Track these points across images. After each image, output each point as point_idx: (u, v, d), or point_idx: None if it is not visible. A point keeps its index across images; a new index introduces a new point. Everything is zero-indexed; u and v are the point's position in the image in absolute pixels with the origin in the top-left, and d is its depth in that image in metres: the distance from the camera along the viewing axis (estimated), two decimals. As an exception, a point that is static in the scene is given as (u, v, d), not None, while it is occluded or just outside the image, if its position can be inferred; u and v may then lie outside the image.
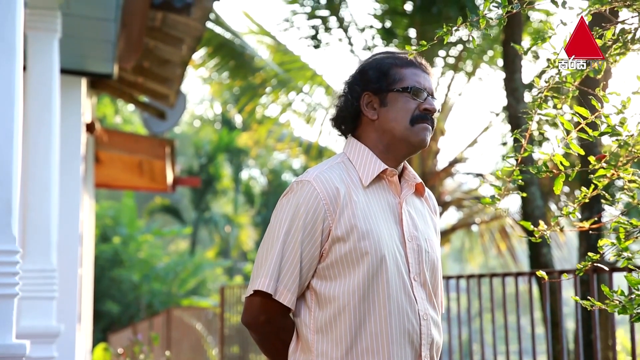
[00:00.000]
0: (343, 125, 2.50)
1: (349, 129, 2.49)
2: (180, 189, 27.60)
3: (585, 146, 2.87)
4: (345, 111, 2.46)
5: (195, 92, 58.55)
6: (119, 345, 13.84)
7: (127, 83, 9.02)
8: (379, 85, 2.40)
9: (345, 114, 2.46)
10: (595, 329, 4.27)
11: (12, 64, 3.20)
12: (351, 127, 2.48)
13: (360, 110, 2.42)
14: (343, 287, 2.25)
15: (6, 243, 3.13)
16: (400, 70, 2.43)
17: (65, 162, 6.98)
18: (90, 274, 10.51)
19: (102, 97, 21.82)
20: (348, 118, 2.46)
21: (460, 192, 12.35)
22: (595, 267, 3.75)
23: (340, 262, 2.26)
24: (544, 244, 7.78)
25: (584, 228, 2.13)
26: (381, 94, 2.40)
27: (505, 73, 8.45)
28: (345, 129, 2.50)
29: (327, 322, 2.25)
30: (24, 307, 5.35)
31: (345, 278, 2.25)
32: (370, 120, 2.41)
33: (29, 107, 5.54)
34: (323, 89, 12.49)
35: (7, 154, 3.15)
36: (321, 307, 2.27)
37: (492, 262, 19.28)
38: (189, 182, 16.69)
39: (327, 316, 2.26)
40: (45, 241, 5.47)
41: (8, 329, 3.07)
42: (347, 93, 2.45)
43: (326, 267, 2.28)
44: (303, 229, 2.26)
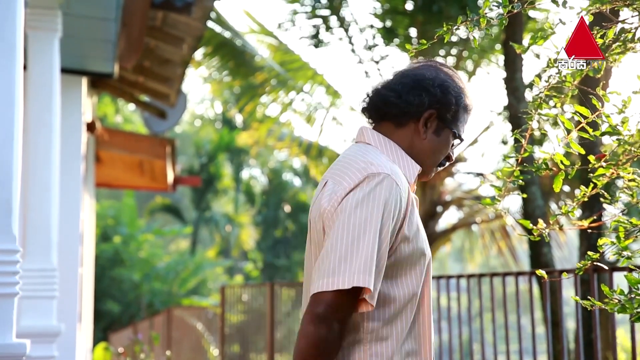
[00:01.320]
0: (375, 113, 2.35)
1: (377, 118, 2.35)
2: (180, 188, 27.62)
3: (585, 146, 2.88)
4: (395, 107, 2.28)
5: (196, 91, 58.61)
6: (119, 344, 13.84)
7: (127, 82, 9.02)
8: (448, 115, 2.28)
9: (394, 110, 2.29)
10: (595, 328, 4.27)
11: (12, 63, 3.20)
12: (380, 119, 2.34)
13: (416, 119, 2.28)
14: (403, 288, 2.17)
15: (6, 242, 3.13)
16: (467, 116, 2.33)
17: (65, 162, 6.98)
18: (90, 273, 10.51)
19: (103, 97, 21.82)
20: (391, 114, 2.30)
21: (460, 191, 12.34)
22: (596, 266, 3.74)
23: (404, 262, 2.17)
24: (545, 243, 7.77)
25: (584, 227, 2.13)
26: (442, 123, 2.28)
27: (506, 72, 8.45)
28: (374, 116, 2.36)
29: (385, 323, 2.14)
30: (25, 307, 5.35)
31: (405, 278, 2.17)
32: (416, 133, 2.28)
33: (30, 107, 5.54)
34: (324, 89, 12.48)
35: (7, 154, 3.15)
36: (378, 306, 2.14)
37: (492, 261, 19.30)
38: (190, 182, 16.69)
39: (385, 316, 2.15)
40: (46, 241, 5.47)
41: (8, 328, 3.07)
42: (411, 91, 2.27)
43: (388, 267, 2.15)
44: (389, 224, 2.11)
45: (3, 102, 3.16)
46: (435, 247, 11.84)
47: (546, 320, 4.86)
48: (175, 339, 14.16)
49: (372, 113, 2.36)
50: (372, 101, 2.35)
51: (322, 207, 2.15)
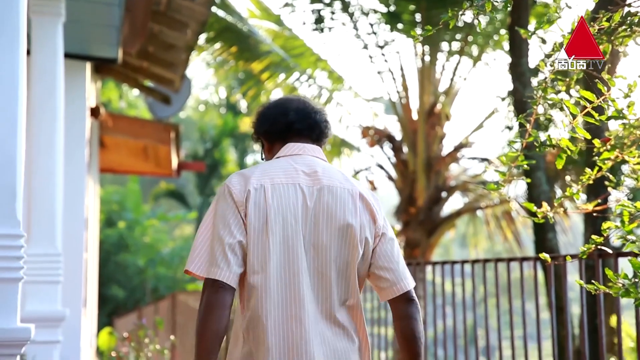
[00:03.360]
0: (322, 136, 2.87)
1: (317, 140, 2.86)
2: (185, 173, 27.61)
3: (591, 131, 2.86)
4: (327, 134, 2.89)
5: (200, 77, 58.46)
6: (124, 329, 13.89)
7: (131, 68, 9.01)
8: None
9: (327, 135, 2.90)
10: (600, 314, 4.26)
11: (15, 48, 3.19)
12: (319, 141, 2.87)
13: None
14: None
15: (10, 227, 3.13)
16: None
17: (69, 147, 6.97)
18: (95, 258, 10.53)
19: (107, 82, 21.79)
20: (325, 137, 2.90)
21: (465, 176, 12.31)
22: (601, 251, 3.73)
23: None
24: (550, 229, 7.75)
25: (588, 210, 2.13)
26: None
27: (512, 57, 8.39)
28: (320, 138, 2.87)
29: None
30: (29, 292, 5.37)
31: None
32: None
33: (33, 92, 5.54)
34: (327, 73, 12.44)
35: (11, 139, 3.15)
36: None
37: (497, 247, 19.28)
38: (194, 167, 16.68)
39: None
40: (50, 226, 5.48)
41: (13, 313, 3.08)
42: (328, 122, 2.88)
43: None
44: None
45: (6, 87, 3.16)
46: (440, 233, 11.83)
47: (551, 306, 4.86)
48: (180, 324, 14.19)
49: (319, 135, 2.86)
50: (322, 127, 2.85)
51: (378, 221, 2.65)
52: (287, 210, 2.52)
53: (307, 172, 2.62)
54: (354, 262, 2.54)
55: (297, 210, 2.53)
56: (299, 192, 2.56)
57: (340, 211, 2.55)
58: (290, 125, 2.75)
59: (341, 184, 2.60)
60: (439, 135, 11.82)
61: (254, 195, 2.52)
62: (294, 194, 2.55)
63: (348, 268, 2.54)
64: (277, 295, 2.47)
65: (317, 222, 2.54)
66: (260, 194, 2.52)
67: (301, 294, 2.47)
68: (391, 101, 12.08)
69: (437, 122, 11.74)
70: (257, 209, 2.51)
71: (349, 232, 2.53)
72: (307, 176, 2.61)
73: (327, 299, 2.53)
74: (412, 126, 11.87)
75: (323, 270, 2.52)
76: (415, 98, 11.94)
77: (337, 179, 2.62)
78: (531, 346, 13.36)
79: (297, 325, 2.46)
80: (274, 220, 2.50)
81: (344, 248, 2.53)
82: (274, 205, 2.51)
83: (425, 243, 11.51)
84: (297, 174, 2.60)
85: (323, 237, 2.53)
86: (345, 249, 2.53)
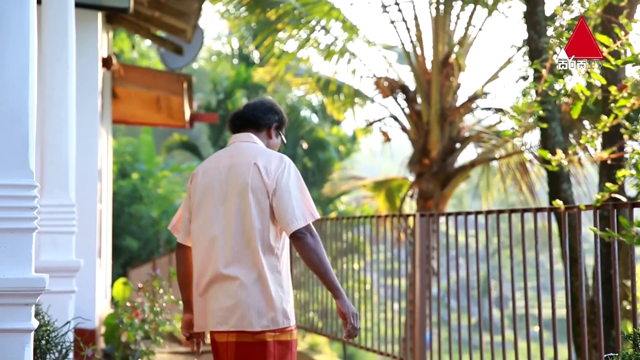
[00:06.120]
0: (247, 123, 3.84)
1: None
2: (198, 125, 27.58)
3: (607, 78, 2.82)
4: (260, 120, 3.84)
5: (213, 27, 58.08)
6: (138, 280, 13.99)
7: (143, 17, 8.95)
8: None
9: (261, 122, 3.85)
10: (614, 264, 4.24)
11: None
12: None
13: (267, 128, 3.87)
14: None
15: (24, 177, 3.13)
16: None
17: (81, 98, 6.96)
18: (109, 209, 10.58)
19: (119, 32, 21.68)
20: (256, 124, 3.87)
21: (479, 127, 12.24)
22: (616, 201, 3.71)
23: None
24: (565, 179, 7.71)
25: (603, 158, 2.10)
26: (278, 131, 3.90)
27: (527, 6, 8.29)
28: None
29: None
30: (44, 242, 5.40)
31: None
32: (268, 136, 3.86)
33: (44, 43, 5.51)
34: (340, 24, 12.32)
35: (23, 90, 3.13)
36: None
37: (511, 198, 19.23)
38: (207, 119, 16.64)
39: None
40: (64, 177, 5.49)
41: (27, 263, 3.10)
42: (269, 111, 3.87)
43: None
44: None
45: (17, 38, 3.14)
46: (454, 184, 11.81)
47: (564, 257, 4.85)
48: (194, 274, 14.27)
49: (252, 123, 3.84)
50: (249, 116, 3.83)
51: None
52: (210, 185, 3.62)
53: (227, 155, 3.65)
54: (249, 210, 3.51)
55: (216, 183, 3.60)
56: (218, 171, 3.62)
57: (241, 178, 3.53)
58: (231, 122, 3.82)
59: (246, 159, 3.57)
60: (453, 85, 11.74)
61: (194, 180, 3.72)
62: (217, 174, 3.61)
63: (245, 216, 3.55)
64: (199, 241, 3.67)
65: (228, 186, 3.56)
66: (196, 179, 3.70)
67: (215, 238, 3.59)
68: (405, 51, 11.98)
69: (451, 73, 11.66)
70: (194, 189, 3.69)
71: (246, 190, 3.51)
72: (226, 159, 3.63)
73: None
74: (426, 77, 11.79)
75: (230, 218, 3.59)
76: (429, 48, 11.84)
77: (245, 156, 3.59)
78: (545, 297, 13.41)
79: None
80: (202, 193, 3.64)
81: (244, 202, 3.51)
82: (203, 183, 3.66)
83: (438, 194, 11.50)
84: (220, 159, 3.67)
85: (229, 196, 3.55)
86: (244, 202, 3.51)
